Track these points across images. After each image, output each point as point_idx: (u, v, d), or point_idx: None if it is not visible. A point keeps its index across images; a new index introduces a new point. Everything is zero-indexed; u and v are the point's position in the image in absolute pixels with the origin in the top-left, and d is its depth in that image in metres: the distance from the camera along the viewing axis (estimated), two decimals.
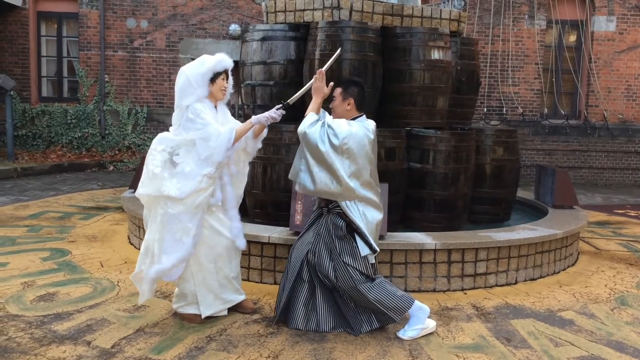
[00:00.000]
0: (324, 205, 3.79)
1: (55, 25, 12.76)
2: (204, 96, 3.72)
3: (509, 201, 6.26)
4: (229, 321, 3.86)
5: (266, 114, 3.76)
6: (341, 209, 3.68)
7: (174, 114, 3.80)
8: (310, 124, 3.63)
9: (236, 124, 3.84)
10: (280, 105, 3.80)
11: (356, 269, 3.64)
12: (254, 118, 3.76)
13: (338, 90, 3.81)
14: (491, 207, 6.12)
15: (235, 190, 3.93)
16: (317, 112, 3.78)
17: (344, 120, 3.71)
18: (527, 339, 3.76)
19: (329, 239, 3.71)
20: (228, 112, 3.98)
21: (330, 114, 3.88)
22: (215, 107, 3.85)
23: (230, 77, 3.88)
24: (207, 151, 3.61)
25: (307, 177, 3.67)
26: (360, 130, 3.66)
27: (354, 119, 3.76)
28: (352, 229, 3.69)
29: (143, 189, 3.74)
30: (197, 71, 3.70)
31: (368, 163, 3.69)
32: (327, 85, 3.83)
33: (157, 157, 3.70)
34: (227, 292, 3.91)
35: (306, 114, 3.75)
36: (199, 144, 3.62)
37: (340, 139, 3.57)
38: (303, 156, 3.69)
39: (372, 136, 3.73)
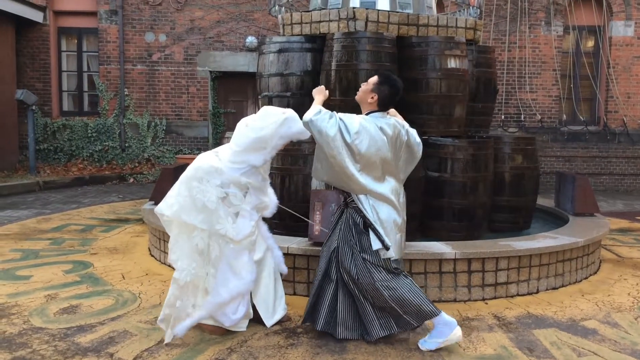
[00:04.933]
0: (344, 200, 3.82)
1: (76, 41, 12.99)
2: (270, 157, 3.82)
3: (529, 209, 6.20)
4: (250, 332, 3.87)
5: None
6: (356, 204, 3.70)
7: (237, 151, 3.75)
8: (315, 113, 3.61)
9: None
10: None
11: (374, 264, 3.63)
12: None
13: (374, 78, 3.80)
14: (511, 216, 6.07)
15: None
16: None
17: (357, 116, 3.71)
18: (550, 349, 3.71)
19: (350, 235, 3.71)
20: None
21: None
22: None
23: None
24: (262, 204, 3.87)
25: (318, 164, 3.73)
26: (371, 126, 3.64)
27: (370, 113, 3.77)
28: (368, 225, 3.69)
29: (187, 216, 3.63)
30: (282, 134, 3.74)
31: (381, 159, 3.66)
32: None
33: (211, 191, 3.65)
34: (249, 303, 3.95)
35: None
36: (254, 193, 3.78)
37: (351, 134, 3.57)
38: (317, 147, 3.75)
39: (389, 131, 3.68)
